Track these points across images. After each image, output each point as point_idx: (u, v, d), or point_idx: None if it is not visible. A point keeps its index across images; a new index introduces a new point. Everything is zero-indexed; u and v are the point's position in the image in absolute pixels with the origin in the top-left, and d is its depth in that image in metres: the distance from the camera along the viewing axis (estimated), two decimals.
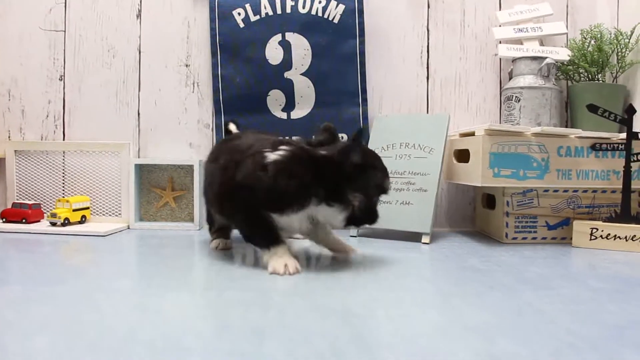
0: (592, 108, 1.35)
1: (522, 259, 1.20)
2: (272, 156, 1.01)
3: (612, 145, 1.37)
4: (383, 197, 1.11)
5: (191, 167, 1.64)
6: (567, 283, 0.98)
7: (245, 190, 1.03)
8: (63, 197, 1.64)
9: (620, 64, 1.52)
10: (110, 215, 1.67)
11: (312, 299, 0.86)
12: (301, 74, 1.61)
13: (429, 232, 1.37)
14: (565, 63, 1.57)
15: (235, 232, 1.23)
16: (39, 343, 0.65)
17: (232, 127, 1.43)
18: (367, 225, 1.12)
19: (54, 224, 1.53)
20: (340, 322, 0.74)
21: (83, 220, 1.59)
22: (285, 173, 1.00)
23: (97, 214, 1.67)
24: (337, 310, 0.79)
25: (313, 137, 1.11)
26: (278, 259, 1.03)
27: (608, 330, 0.72)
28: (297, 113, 1.62)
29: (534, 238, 1.42)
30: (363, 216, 1.06)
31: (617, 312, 0.80)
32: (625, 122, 1.34)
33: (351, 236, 1.49)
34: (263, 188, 1.00)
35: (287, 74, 1.61)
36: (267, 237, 1.06)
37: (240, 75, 1.62)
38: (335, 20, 1.60)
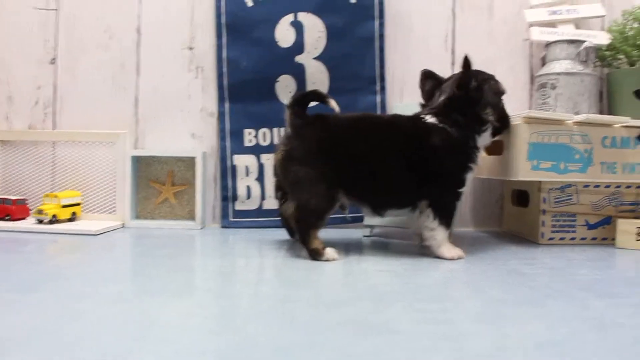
0: None
1: (567, 262, 1.07)
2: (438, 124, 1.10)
3: None
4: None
5: (193, 159, 1.50)
6: (630, 290, 0.86)
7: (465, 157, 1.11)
8: (51, 192, 1.50)
9: None
10: (103, 212, 1.53)
11: (342, 310, 0.72)
12: (314, 58, 1.47)
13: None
14: (602, 48, 1.43)
15: None
16: None
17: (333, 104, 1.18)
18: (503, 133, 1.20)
19: (40, 222, 1.39)
20: (383, 342, 0.60)
21: (73, 217, 1.45)
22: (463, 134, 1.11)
23: (89, 211, 1.53)
24: (375, 326, 0.65)
25: (420, 89, 1.22)
26: (450, 245, 1.10)
27: None
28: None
29: (573, 238, 1.29)
30: (501, 124, 1.16)
31: None
32: None
33: (364, 236, 1.36)
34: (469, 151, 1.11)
35: (298, 58, 1.47)
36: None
37: (247, 58, 1.48)
38: (353, 0, 1.46)
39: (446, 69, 1.52)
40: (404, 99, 1.52)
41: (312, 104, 1.18)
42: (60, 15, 1.54)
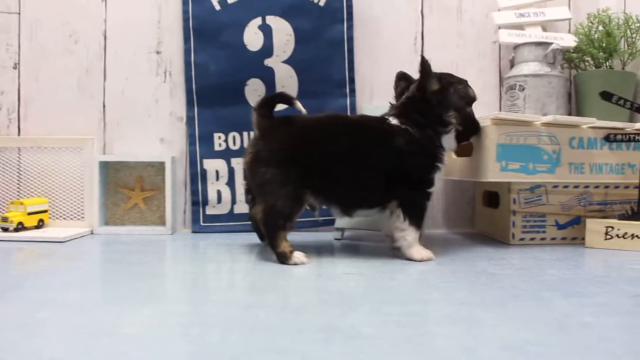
0: (606, 95, 1.23)
1: (536, 262, 1.07)
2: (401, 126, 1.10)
3: (627, 136, 1.26)
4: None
5: (162, 164, 1.48)
6: (599, 289, 0.86)
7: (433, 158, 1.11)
8: (17, 199, 1.46)
9: (630, 50, 1.41)
10: (72, 219, 1.50)
11: (308, 315, 0.71)
12: (283, 62, 1.46)
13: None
14: (570, 50, 1.45)
15: None
16: None
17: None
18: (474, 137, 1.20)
19: (5, 230, 1.36)
20: (347, 345, 0.59)
21: (40, 224, 1.42)
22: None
23: (57, 218, 1.50)
24: (341, 330, 0.64)
25: (394, 90, 1.22)
26: (420, 247, 1.10)
27: None
28: (278, 105, 1.46)
29: (543, 239, 1.30)
30: (464, 128, 1.13)
31: None
32: None
33: (335, 239, 1.35)
34: (434, 151, 1.11)
35: (267, 62, 1.46)
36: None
37: (215, 62, 1.46)
38: (321, 3, 1.46)
39: (415, 71, 1.51)
40: (373, 101, 1.52)
41: (282, 106, 1.18)
42: (22, 19, 1.51)
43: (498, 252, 1.18)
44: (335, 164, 1.08)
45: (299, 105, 1.15)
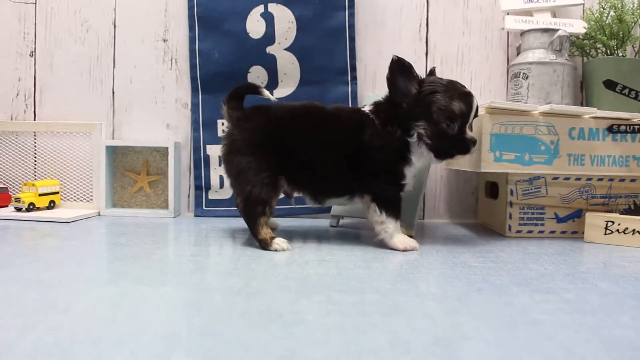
0: (610, 84, 1.20)
1: (524, 255, 1.05)
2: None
3: (632, 127, 1.21)
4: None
5: (167, 149, 1.51)
6: (573, 285, 0.83)
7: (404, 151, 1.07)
8: (34, 180, 1.53)
9: None
10: (81, 200, 1.55)
11: (258, 299, 0.72)
12: (285, 49, 1.46)
13: (412, 223, 1.21)
14: (580, 37, 1.40)
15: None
16: None
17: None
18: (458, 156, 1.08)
19: (18, 209, 1.42)
20: (281, 332, 0.60)
21: (52, 205, 1.48)
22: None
23: (69, 200, 1.56)
24: (283, 316, 0.65)
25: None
26: (403, 236, 1.09)
27: (618, 354, 0.56)
28: (281, 92, 1.48)
29: (541, 231, 1.27)
30: (437, 145, 1.04)
31: (631, 328, 0.64)
32: None
33: (331, 226, 1.36)
34: (401, 148, 1.07)
35: (269, 49, 1.47)
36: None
37: (219, 50, 1.48)
38: None
39: (420, 59, 1.50)
40: (376, 89, 1.50)
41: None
42: (38, 9, 1.56)
43: (489, 244, 1.16)
44: (304, 151, 1.08)
45: (266, 93, 1.16)
